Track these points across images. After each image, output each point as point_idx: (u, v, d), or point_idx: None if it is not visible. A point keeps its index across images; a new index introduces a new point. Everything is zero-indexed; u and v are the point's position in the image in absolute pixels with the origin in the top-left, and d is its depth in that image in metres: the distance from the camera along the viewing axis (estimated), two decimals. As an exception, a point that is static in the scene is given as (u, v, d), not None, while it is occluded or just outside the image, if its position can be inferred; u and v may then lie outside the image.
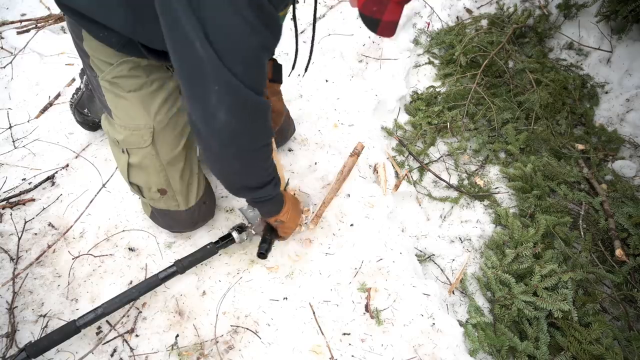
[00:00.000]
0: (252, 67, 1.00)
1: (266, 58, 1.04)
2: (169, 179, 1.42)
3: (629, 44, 2.61)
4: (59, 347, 1.34)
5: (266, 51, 1.02)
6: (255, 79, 1.02)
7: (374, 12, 1.02)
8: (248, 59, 0.98)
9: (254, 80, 1.02)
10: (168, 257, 1.58)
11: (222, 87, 0.97)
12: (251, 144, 1.13)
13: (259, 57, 1.00)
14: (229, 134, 1.07)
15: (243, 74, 0.97)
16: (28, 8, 2.70)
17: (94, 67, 1.31)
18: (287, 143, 1.97)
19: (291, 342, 1.40)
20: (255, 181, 1.24)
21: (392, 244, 1.65)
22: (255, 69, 1.01)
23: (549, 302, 1.56)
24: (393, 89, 2.35)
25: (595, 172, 2.21)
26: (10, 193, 1.77)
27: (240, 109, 1.03)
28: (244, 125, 1.07)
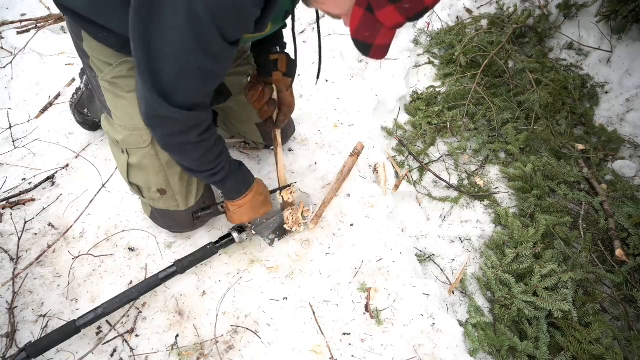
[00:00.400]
0: (180, 84, 1.03)
1: (207, 79, 1.09)
2: (169, 179, 1.42)
3: (629, 44, 2.61)
4: (59, 347, 1.34)
5: (207, 75, 1.06)
6: (179, 94, 1.05)
7: (366, 37, 1.02)
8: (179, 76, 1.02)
9: (176, 94, 1.05)
10: (168, 257, 1.58)
11: (142, 86, 1.04)
12: (162, 140, 1.20)
13: (194, 76, 1.03)
14: (147, 122, 1.15)
15: (166, 86, 1.02)
16: (28, 8, 2.70)
17: (94, 68, 1.31)
18: (287, 143, 1.97)
19: (291, 342, 1.40)
20: (184, 164, 1.30)
21: (392, 244, 1.65)
22: (183, 86, 1.04)
23: (549, 302, 1.56)
24: (393, 89, 2.35)
25: (595, 172, 2.21)
26: (10, 193, 1.77)
27: (151, 112, 1.09)
28: (154, 125, 1.15)
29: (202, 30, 0.93)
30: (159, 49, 0.97)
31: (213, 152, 1.26)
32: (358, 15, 0.98)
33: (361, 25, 1.00)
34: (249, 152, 1.95)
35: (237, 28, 0.99)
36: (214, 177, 1.32)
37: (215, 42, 0.97)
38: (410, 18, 0.95)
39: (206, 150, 1.23)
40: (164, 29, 0.94)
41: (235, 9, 0.92)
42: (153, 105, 1.06)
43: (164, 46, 0.96)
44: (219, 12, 0.91)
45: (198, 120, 1.14)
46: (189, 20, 0.91)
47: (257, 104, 1.52)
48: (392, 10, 0.92)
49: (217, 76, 1.13)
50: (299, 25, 2.70)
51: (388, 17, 0.95)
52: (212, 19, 0.91)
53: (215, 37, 0.95)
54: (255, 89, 1.49)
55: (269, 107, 1.54)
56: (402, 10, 0.92)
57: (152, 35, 0.95)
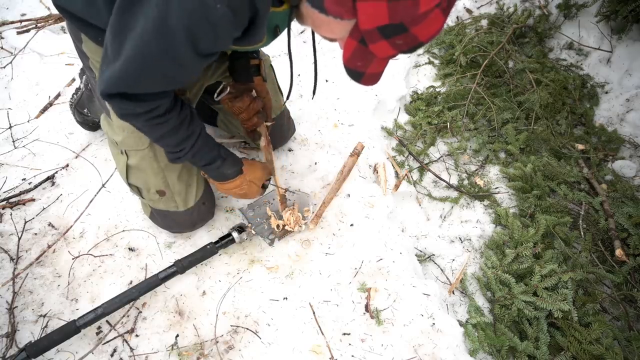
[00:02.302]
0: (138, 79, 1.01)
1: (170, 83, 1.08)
2: (168, 180, 1.42)
3: (629, 44, 2.61)
4: (59, 347, 1.34)
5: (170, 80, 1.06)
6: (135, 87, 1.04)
7: (358, 66, 1.02)
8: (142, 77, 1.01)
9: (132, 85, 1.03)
10: (168, 257, 1.58)
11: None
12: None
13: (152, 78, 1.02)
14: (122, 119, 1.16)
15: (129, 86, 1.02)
16: (28, 8, 2.71)
17: (94, 69, 1.31)
18: (287, 143, 1.97)
19: (291, 342, 1.40)
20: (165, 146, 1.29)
21: (392, 244, 1.65)
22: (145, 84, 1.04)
23: (549, 302, 1.56)
24: (393, 89, 2.35)
25: (595, 172, 2.21)
26: (10, 193, 1.77)
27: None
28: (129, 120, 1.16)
29: (173, 41, 0.91)
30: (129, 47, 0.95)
31: (182, 130, 1.22)
32: (351, 46, 0.98)
33: (354, 56, 1.00)
34: (249, 152, 1.95)
35: (213, 44, 0.98)
36: (177, 161, 1.30)
37: (187, 55, 0.95)
38: (404, 51, 0.94)
39: (161, 135, 1.20)
40: (136, 29, 0.92)
41: (211, 27, 0.90)
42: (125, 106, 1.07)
43: (134, 45, 0.94)
44: (194, 28, 0.89)
45: (148, 108, 1.11)
46: (159, 28, 0.89)
47: (245, 115, 1.46)
48: (385, 44, 0.91)
49: (180, 81, 1.12)
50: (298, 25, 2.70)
51: (381, 50, 0.94)
52: (186, 33, 0.90)
53: (187, 49, 0.94)
54: (241, 100, 1.43)
55: (258, 120, 1.49)
56: (395, 45, 0.91)
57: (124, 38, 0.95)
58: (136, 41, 0.93)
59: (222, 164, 1.38)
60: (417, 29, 0.86)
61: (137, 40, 0.93)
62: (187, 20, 0.88)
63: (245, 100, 1.43)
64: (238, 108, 1.44)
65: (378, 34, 0.89)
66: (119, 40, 0.96)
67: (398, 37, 0.88)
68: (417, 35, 0.88)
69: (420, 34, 0.87)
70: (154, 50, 0.93)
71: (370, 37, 0.91)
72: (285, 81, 1.52)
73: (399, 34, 0.88)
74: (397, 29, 0.86)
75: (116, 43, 0.96)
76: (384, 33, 0.88)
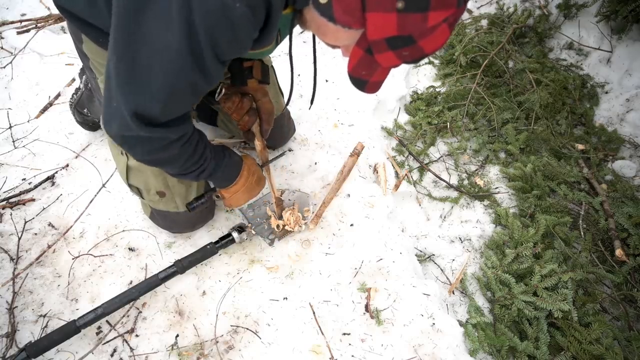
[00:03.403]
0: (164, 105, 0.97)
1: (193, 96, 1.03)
2: (168, 181, 1.42)
3: (629, 44, 2.61)
4: (59, 347, 1.34)
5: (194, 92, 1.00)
6: (162, 115, 0.99)
7: (362, 75, 1.03)
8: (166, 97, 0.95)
9: (159, 116, 0.99)
10: (168, 257, 1.58)
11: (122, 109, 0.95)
12: (139, 157, 1.14)
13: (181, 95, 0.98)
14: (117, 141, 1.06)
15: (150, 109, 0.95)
16: (28, 8, 2.71)
17: (94, 69, 1.31)
18: (287, 143, 1.97)
19: (291, 342, 1.40)
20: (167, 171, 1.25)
21: (392, 244, 1.65)
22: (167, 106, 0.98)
23: (549, 302, 1.56)
24: (393, 89, 2.35)
25: (595, 172, 2.21)
26: (10, 193, 1.77)
27: (128, 135, 1.01)
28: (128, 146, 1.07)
29: (199, 46, 0.87)
30: (147, 65, 0.89)
31: (196, 154, 1.20)
32: (357, 55, 0.98)
33: (359, 64, 1.00)
34: (249, 152, 1.95)
35: (232, 48, 0.93)
36: (202, 174, 1.27)
37: (209, 59, 0.91)
38: (407, 62, 0.96)
39: (189, 156, 1.18)
40: (153, 41, 0.87)
41: (233, 30, 0.87)
42: (132, 127, 0.96)
43: (154, 62, 0.89)
44: (215, 30, 0.86)
45: (179, 135, 1.08)
46: (186, 34, 0.84)
47: (236, 115, 1.43)
48: (391, 55, 0.92)
49: (203, 93, 1.07)
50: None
51: (386, 60, 0.95)
52: (208, 36, 0.86)
53: (210, 54, 0.90)
54: (231, 100, 1.41)
55: (249, 118, 1.46)
56: (400, 56, 0.92)
57: (137, 48, 0.88)
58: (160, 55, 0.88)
59: (230, 159, 1.36)
60: (424, 42, 0.87)
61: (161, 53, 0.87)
62: (208, 21, 0.84)
63: (235, 100, 1.41)
64: (228, 108, 1.43)
65: (385, 44, 0.90)
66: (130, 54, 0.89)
67: (405, 49, 0.90)
68: (423, 48, 0.89)
69: (427, 46, 0.89)
70: (181, 61, 0.88)
71: (377, 47, 0.92)
72: (286, 83, 1.52)
73: (406, 46, 0.89)
74: (405, 41, 0.88)
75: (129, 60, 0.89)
76: (391, 44, 0.89)
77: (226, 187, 1.42)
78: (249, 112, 1.46)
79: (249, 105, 1.44)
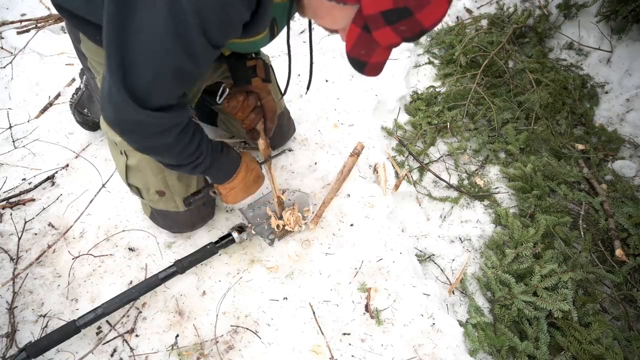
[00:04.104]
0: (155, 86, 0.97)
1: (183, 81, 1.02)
2: (167, 180, 1.42)
3: (629, 44, 2.61)
4: (59, 347, 1.34)
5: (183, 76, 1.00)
6: (154, 97, 0.99)
7: (361, 55, 1.01)
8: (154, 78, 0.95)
9: (151, 97, 0.99)
10: (168, 257, 1.58)
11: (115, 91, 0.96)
12: (136, 144, 1.13)
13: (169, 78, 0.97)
14: (114, 128, 1.07)
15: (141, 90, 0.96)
16: (28, 8, 2.71)
17: (92, 69, 1.31)
18: (287, 143, 1.97)
19: (291, 342, 1.40)
20: (163, 161, 1.24)
21: (392, 244, 1.65)
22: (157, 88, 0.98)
23: (549, 302, 1.56)
24: (393, 89, 2.35)
25: (595, 172, 2.21)
26: (10, 193, 1.77)
27: (123, 118, 1.02)
28: (125, 131, 1.07)
29: (185, 29, 0.86)
30: (134, 49, 0.90)
31: (192, 144, 1.19)
32: (354, 33, 0.97)
33: (357, 44, 0.99)
34: (249, 152, 1.95)
35: (223, 30, 0.93)
36: (198, 167, 1.26)
37: (198, 42, 0.90)
38: (407, 38, 0.94)
39: (185, 146, 1.16)
40: (141, 26, 0.87)
41: (223, 10, 0.87)
42: (125, 110, 0.98)
43: (140, 45, 0.90)
44: (204, 11, 0.85)
45: (174, 122, 1.08)
46: (171, 17, 0.84)
47: (241, 114, 1.43)
48: (389, 31, 0.91)
49: (193, 77, 1.07)
50: (298, 25, 2.70)
51: (384, 38, 0.94)
52: (197, 18, 0.85)
53: (199, 37, 0.89)
54: (235, 99, 1.40)
55: (255, 115, 1.45)
56: (398, 31, 0.91)
57: (126, 32, 0.88)
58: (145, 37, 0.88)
59: (227, 155, 1.36)
60: (421, 13, 0.86)
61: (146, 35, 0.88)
62: (199, 3, 0.83)
63: (239, 99, 1.41)
64: (233, 107, 1.42)
65: (382, 19, 0.88)
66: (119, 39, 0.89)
67: (402, 23, 0.88)
68: (421, 21, 0.87)
69: (424, 19, 0.87)
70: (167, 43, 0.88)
71: (373, 23, 0.90)
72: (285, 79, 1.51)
73: (403, 19, 0.87)
74: (401, 14, 0.86)
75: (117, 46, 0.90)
76: (387, 18, 0.88)
77: (223, 183, 1.41)
78: (255, 110, 1.45)
79: (255, 103, 1.44)
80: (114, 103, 0.98)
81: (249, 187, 1.47)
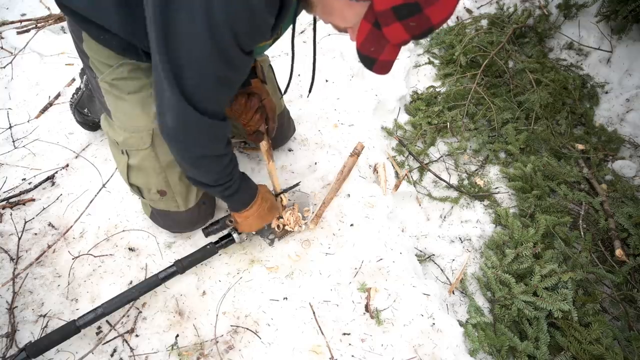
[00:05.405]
0: (203, 90, 1.03)
1: (226, 87, 1.10)
2: (169, 180, 1.42)
3: (629, 44, 2.61)
4: (59, 347, 1.34)
5: (225, 82, 1.07)
6: (204, 101, 1.05)
7: (371, 51, 1.03)
8: (201, 83, 1.01)
9: (202, 101, 1.05)
10: (168, 257, 1.58)
11: (170, 95, 1.01)
12: (190, 153, 1.18)
13: (214, 84, 1.03)
14: (170, 138, 1.15)
15: (192, 93, 1.02)
16: (28, 8, 2.71)
17: (94, 69, 1.31)
18: (287, 143, 1.97)
19: (291, 342, 1.40)
20: (201, 180, 1.28)
21: (392, 244, 1.65)
22: (206, 92, 1.04)
23: (549, 302, 1.56)
24: (393, 89, 2.35)
25: (595, 172, 2.21)
26: (10, 193, 1.77)
27: (181, 121, 1.08)
28: (183, 136, 1.13)
29: (221, 40, 0.92)
30: (179, 57, 0.96)
31: (231, 165, 1.26)
32: (365, 29, 0.99)
33: (367, 40, 1.00)
34: (249, 152, 1.95)
35: (253, 37, 0.98)
36: (227, 190, 1.31)
37: (232, 51, 0.96)
38: (416, 36, 0.96)
39: (227, 163, 1.24)
40: (181, 36, 0.93)
41: (251, 20, 0.92)
42: (183, 113, 1.04)
43: (184, 54, 0.96)
44: (235, 23, 0.90)
45: (224, 130, 1.15)
46: (207, 27, 0.90)
47: (245, 115, 1.43)
48: (399, 27, 0.93)
49: (235, 84, 1.12)
50: (298, 25, 2.70)
51: (394, 34, 0.96)
52: (229, 27, 0.90)
53: (233, 46, 0.95)
54: (237, 102, 1.41)
55: (259, 117, 1.46)
56: (408, 28, 0.93)
57: (171, 41, 0.94)
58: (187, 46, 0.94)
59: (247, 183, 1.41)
60: (430, 9, 0.88)
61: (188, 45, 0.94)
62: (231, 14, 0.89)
63: (241, 101, 1.41)
64: (235, 111, 1.42)
65: (393, 15, 0.91)
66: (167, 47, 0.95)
67: (412, 19, 0.90)
68: (429, 17, 0.90)
69: (433, 15, 0.90)
70: (206, 52, 0.94)
71: (384, 18, 0.92)
72: (285, 81, 1.52)
73: (413, 15, 0.90)
74: (411, 9, 0.88)
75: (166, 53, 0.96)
76: (398, 14, 0.90)
77: (240, 211, 1.43)
78: (258, 110, 1.46)
79: (257, 104, 1.46)
80: (172, 108, 1.04)
81: (264, 217, 1.49)
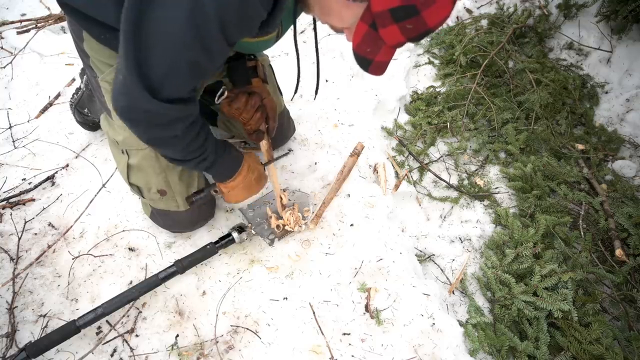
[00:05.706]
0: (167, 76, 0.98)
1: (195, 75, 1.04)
2: (169, 180, 1.42)
3: (629, 44, 2.61)
4: (59, 347, 1.34)
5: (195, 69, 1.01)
6: (164, 85, 1.00)
7: (367, 52, 1.03)
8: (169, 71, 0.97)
9: (160, 84, 0.99)
10: (168, 257, 1.58)
11: (129, 77, 0.96)
12: (148, 135, 1.13)
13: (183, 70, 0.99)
14: (124, 119, 1.07)
15: (151, 77, 0.96)
16: (28, 8, 2.71)
17: (94, 68, 1.31)
18: (287, 143, 1.97)
19: (291, 342, 1.40)
20: (171, 156, 1.23)
21: (392, 244, 1.65)
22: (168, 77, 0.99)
23: (549, 302, 1.56)
24: (393, 89, 2.35)
25: (595, 172, 2.21)
26: (10, 193, 1.77)
27: (134, 105, 1.02)
28: (137, 119, 1.07)
29: (205, 25, 0.88)
30: (152, 41, 0.92)
31: (199, 139, 1.19)
32: (362, 30, 0.99)
33: (363, 41, 1.01)
34: (250, 152, 1.95)
35: (241, 28, 0.96)
36: (203, 163, 1.26)
37: (215, 39, 0.93)
38: (412, 38, 0.96)
39: (191, 140, 1.17)
40: (161, 19, 0.89)
41: (243, 8, 0.89)
42: (138, 100, 0.99)
43: (159, 38, 0.91)
44: (225, 9, 0.88)
45: (183, 114, 1.09)
46: (193, 13, 0.86)
47: (246, 114, 1.42)
48: (395, 29, 0.93)
49: (207, 73, 1.09)
50: (298, 25, 2.70)
51: (390, 36, 0.96)
52: (217, 15, 0.88)
53: (217, 33, 0.91)
54: (238, 101, 1.39)
55: (260, 116, 1.46)
56: (404, 30, 0.93)
57: (146, 24, 0.90)
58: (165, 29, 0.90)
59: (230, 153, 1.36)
60: (427, 12, 0.88)
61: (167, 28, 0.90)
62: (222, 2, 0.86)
63: (242, 100, 1.40)
64: (237, 110, 1.41)
65: (390, 16, 0.91)
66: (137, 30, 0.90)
67: (408, 21, 0.91)
68: (426, 20, 0.90)
69: (430, 18, 0.90)
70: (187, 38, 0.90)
71: (381, 20, 0.93)
72: (285, 81, 1.52)
73: (409, 17, 0.90)
74: (408, 12, 0.89)
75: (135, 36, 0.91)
76: (395, 16, 0.90)
77: (225, 182, 1.41)
78: (259, 109, 1.46)
79: (258, 103, 1.45)
80: (127, 92, 0.99)
81: (251, 187, 1.47)
